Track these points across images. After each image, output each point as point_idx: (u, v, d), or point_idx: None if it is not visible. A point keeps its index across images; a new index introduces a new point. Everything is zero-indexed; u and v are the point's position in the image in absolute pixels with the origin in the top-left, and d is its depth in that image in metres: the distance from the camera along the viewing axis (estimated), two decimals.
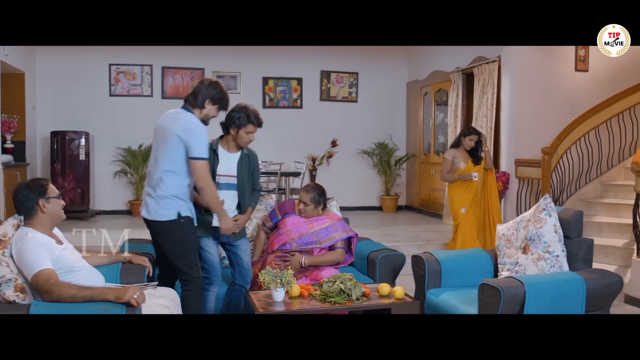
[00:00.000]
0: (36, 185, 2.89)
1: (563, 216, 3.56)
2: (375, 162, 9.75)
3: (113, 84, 8.97)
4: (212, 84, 3.52)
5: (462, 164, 5.84)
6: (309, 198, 4.08)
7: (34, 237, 2.80)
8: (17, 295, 2.69)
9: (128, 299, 2.63)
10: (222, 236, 3.68)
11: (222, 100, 3.54)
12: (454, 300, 3.44)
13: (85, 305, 2.62)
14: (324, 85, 9.68)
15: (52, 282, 2.68)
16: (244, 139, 3.71)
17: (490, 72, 7.12)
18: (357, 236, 4.11)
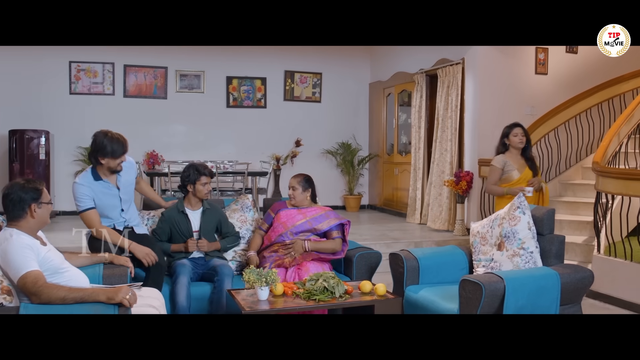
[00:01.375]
0: (32, 189, 2.82)
1: (536, 214, 3.71)
2: (338, 161, 9.84)
3: (73, 81, 8.78)
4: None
5: (516, 173, 4.78)
6: (297, 181, 4.21)
7: (19, 239, 2.75)
8: (4, 298, 2.63)
9: (120, 299, 2.62)
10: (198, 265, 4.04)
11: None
12: (433, 296, 3.53)
13: (77, 307, 2.59)
14: (288, 85, 9.71)
15: (40, 284, 2.64)
16: (202, 190, 4.11)
17: (454, 74, 7.29)
18: (350, 224, 4.19)
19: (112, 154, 3.71)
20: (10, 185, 2.87)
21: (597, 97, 7.11)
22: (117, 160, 3.75)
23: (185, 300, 3.69)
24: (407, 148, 8.98)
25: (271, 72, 9.59)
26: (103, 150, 3.69)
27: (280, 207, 4.26)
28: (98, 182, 3.75)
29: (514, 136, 4.78)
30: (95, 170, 3.77)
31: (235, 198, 4.72)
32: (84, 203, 3.68)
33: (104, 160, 3.71)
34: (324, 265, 4.04)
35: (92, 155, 3.76)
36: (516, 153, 4.81)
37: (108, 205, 3.80)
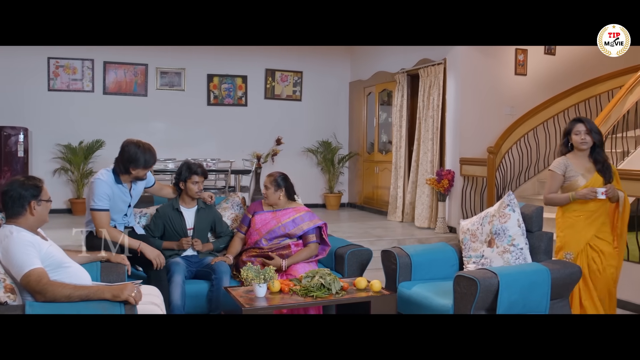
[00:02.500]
0: (32, 186, 2.81)
1: (525, 211, 3.81)
2: (319, 160, 9.89)
3: (52, 78, 8.66)
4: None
5: (581, 179, 3.77)
6: (269, 181, 4.20)
7: (20, 236, 2.73)
8: (8, 296, 2.61)
9: (126, 297, 2.62)
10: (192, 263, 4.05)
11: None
12: (426, 292, 3.61)
13: (83, 304, 2.58)
14: (269, 83, 9.72)
15: (44, 282, 2.63)
16: (193, 189, 4.13)
17: (436, 74, 7.40)
18: (326, 225, 4.22)
19: (145, 164, 3.78)
20: (10, 182, 2.85)
21: (574, 97, 7.28)
22: (147, 170, 3.79)
23: (179, 298, 3.71)
24: (387, 147, 9.08)
25: (252, 70, 9.60)
26: (136, 162, 3.75)
27: (256, 209, 4.26)
28: (117, 185, 3.79)
29: (575, 134, 3.77)
30: (117, 174, 3.78)
31: (226, 196, 4.75)
32: (102, 202, 3.69)
33: (135, 170, 3.77)
34: (311, 265, 4.08)
35: (121, 163, 3.79)
36: (583, 155, 3.79)
37: (117, 208, 3.84)
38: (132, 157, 3.76)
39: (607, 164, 3.78)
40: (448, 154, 7.33)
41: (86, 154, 8.54)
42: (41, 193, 2.86)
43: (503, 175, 6.93)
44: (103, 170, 3.86)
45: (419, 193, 7.65)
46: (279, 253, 4.06)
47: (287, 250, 4.07)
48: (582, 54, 7.50)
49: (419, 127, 7.76)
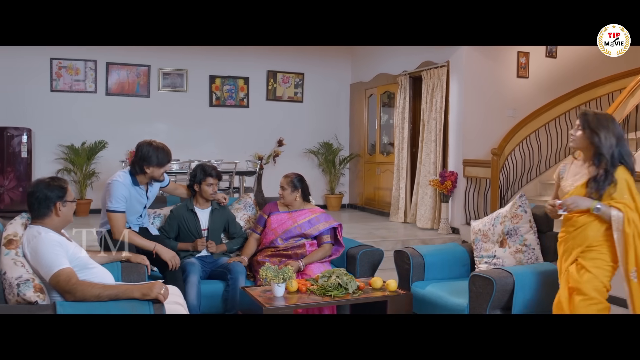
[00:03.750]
0: (57, 187, 2.85)
1: (536, 212, 3.88)
2: (320, 161, 9.94)
3: (55, 79, 8.67)
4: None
5: (568, 185, 3.18)
6: (287, 182, 4.26)
7: (48, 236, 2.77)
8: (38, 296, 2.65)
9: (155, 295, 2.66)
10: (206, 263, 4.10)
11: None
12: (441, 292, 3.67)
13: (112, 303, 2.62)
14: (270, 85, 9.77)
15: (73, 281, 2.67)
16: (207, 191, 4.18)
17: (439, 77, 7.47)
18: (341, 226, 4.28)
19: (159, 163, 3.83)
20: (36, 184, 2.89)
21: (575, 100, 7.37)
22: (162, 169, 3.84)
23: (195, 298, 3.75)
24: (389, 148, 9.14)
25: (254, 71, 9.64)
26: (148, 160, 3.80)
27: (272, 210, 4.32)
28: (134, 187, 3.84)
29: (571, 135, 3.21)
30: (134, 176, 3.83)
31: (238, 197, 4.80)
32: (119, 204, 3.74)
33: (149, 169, 3.83)
34: (325, 265, 4.14)
35: (136, 164, 3.84)
36: (587, 158, 3.11)
37: (133, 210, 3.90)
38: (145, 155, 3.82)
39: (609, 177, 2.98)
40: (451, 156, 7.40)
41: (89, 155, 8.56)
42: (66, 194, 2.90)
43: (506, 177, 7.01)
44: (120, 172, 3.90)
45: (422, 194, 7.72)
46: (294, 252, 4.11)
47: (302, 250, 4.13)
48: (583, 56, 7.59)
49: (421, 129, 7.82)
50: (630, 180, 3.01)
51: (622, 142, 3.03)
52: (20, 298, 2.63)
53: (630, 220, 2.93)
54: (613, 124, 3.04)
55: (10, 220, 3.00)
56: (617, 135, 3.02)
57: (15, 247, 2.76)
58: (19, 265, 2.70)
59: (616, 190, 2.98)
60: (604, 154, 2.99)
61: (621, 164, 3.01)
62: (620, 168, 3.00)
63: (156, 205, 4.47)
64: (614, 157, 2.99)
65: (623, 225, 2.93)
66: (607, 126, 3.01)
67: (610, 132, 3.00)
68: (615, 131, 3.02)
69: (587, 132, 3.04)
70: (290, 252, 4.12)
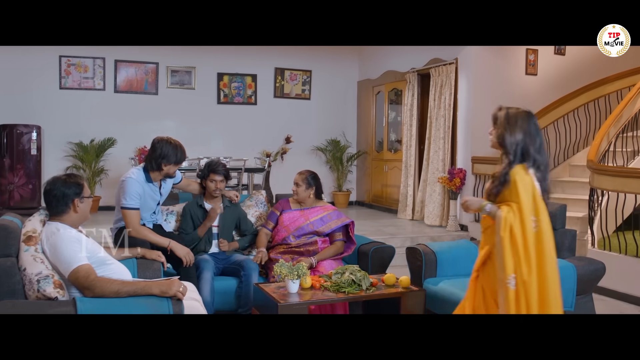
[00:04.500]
0: (73, 184, 2.87)
1: (549, 209, 3.87)
2: (327, 158, 9.96)
3: (63, 76, 8.72)
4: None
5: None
6: (301, 179, 4.27)
7: (67, 233, 2.80)
8: (58, 292, 2.68)
9: (174, 292, 2.69)
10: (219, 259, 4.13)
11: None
12: (453, 288, 3.69)
13: (132, 300, 2.64)
14: (278, 82, 9.79)
15: (92, 278, 2.69)
16: (210, 187, 4.18)
17: (447, 74, 7.48)
18: (354, 224, 4.30)
19: (177, 161, 3.87)
20: (52, 181, 2.91)
21: (583, 97, 7.39)
22: (178, 166, 3.89)
23: (209, 295, 3.78)
24: (396, 146, 9.16)
25: (261, 69, 9.67)
26: (168, 158, 3.84)
27: (284, 207, 4.34)
28: (148, 184, 3.86)
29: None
30: (148, 173, 3.87)
31: (249, 194, 4.83)
32: (133, 201, 3.77)
33: (167, 167, 3.86)
34: (337, 262, 4.16)
35: (153, 160, 3.86)
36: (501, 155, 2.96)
37: (147, 207, 3.93)
38: (164, 153, 3.84)
39: (503, 176, 2.77)
40: (459, 153, 7.41)
41: (98, 152, 8.60)
42: (83, 190, 2.92)
43: None
44: (134, 169, 3.93)
45: (430, 191, 7.73)
46: (306, 249, 4.14)
47: (314, 247, 4.15)
48: (592, 53, 7.58)
49: (429, 126, 7.83)
50: (524, 180, 2.71)
51: (531, 139, 2.79)
52: (41, 294, 2.66)
53: (507, 223, 2.67)
54: (523, 121, 2.83)
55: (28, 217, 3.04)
56: (526, 132, 2.79)
57: (34, 244, 2.79)
58: (39, 262, 2.73)
59: (510, 191, 2.73)
60: (509, 151, 2.79)
61: (523, 163, 2.76)
62: (518, 167, 2.74)
63: (169, 202, 4.49)
64: (517, 155, 2.77)
65: (500, 228, 2.69)
66: (515, 122, 2.82)
67: (518, 128, 2.79)
68: (524, 127, 2.80)
69: (497, 129, 2.91)
70: (302, 249, 4.15)
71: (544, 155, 2.82)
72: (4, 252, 2.79)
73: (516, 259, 2.64)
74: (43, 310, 2.53)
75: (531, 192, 2.71)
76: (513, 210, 2.67)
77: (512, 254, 2.65)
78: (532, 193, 2.71)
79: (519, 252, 2.64)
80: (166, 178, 4.01)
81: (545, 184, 2.82)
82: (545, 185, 2.82)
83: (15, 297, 2.70)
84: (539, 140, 2.81)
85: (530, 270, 2.62)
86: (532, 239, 2.66)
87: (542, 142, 2.83)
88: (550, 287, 2.66)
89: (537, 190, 2.74)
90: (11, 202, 7.85)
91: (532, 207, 2.69)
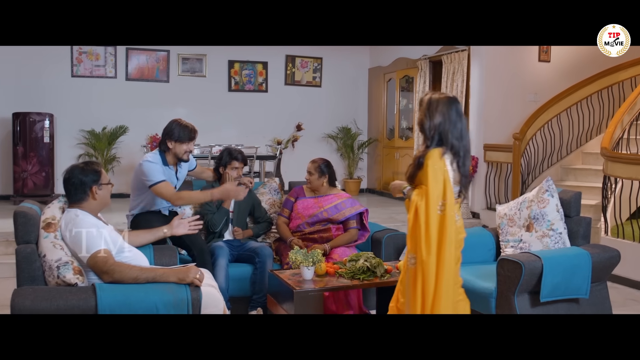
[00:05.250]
0: (91, 171, 2.90)
1: (563, 197, 3.88)
2: (338, 145, 9.96)
3: (75, 64, 8.73)
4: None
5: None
6: (314, 167, 4.29)
7: (86, 218, 2.84)
8: (77, 278, 2.71)
9: (191, 279, 2.72)
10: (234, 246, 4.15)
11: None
12: (468, 275, 3.68)
13: (150, 286, 2.68)
14: (289, 69, 9.78)
15: (111, 262, 2.73)
16: (232, 174, 4.24)
17: (460, 61, 7.44)
18: (368, 211, 4.31)
19: (179, 138, 3.87)
20: (70, 170, 2.94)
21: (597, 84, 7.33)
22: (184, 146, 3.89)
23: (224, 281, 3.81)
24: (407, 133, 9.13)
25: (272, 56, 9.64)
26: (170, 134, 3.89)
27: (299, 194, 4.36)
28: (165, 167, 3.88)
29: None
30: (164, 155, 3.90)
31: (263, 182, 4.85)
32: (157, 176, 3.77)
33: (172, 144, 3.89)
34: (350, 249, 4.17)
35: (162, 141, 3.93)
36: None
37: None
38: (167, 130, 3.93)
39: (419, 160, 2.82)
40: (472, 140, 7.28)
41: (110, 140, 8.63)
42: (101, 177, 2.95)
43: (527, 161, 7.00)
44: (149, 153, 3.97)
45: None
46: (320, 236, 4.16)
47: (328, 234, 4.17)
48: None
49: None
50: (435, 164, 2.72)
51: (451, 125, 2.78)
52: (60, 280, 2.70)
53: (413, 205, 2.76)
54: (444, 106, 2.80)
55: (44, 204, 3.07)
56: (445, 117, 2.78)
57: (54, 230, 2.82)
58: (58, 248, 2.77)
59: (423, 174, 2.77)
60: (427, 135, 2.82)
61: (440, 147, 2.77)
62: (433, 151, 2.76)
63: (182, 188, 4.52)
64: (434, 139, 2.79)
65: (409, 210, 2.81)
66: (436, 107, 2.80)
67: (438, 113, 2.78)
68: (443, 112, 2.78)
69: (419, 114, 2.92)
70: (316, 235, 4.17)
71: (465, 141, 2.85)
72: (23, 239, 2.84)
73: (418, 239, 2.74)
74: (63, 295, 2.57)
75: (441, 177, 2.74)
76: (421, 193, 2.75)
77: (416, 235, 2.76)
78: (442, 178, 2.74)
79: (421, 234, 2.73)
80: (180, 162, 4.03)
81: (464, 169, 2.88)
82: (464, 170, 2.88)
83: (36, 283, 2.75)
84: (460, 126, 2.84)
85: (430, 251, 2.70)
86: (436, 222, 2.72)
87: (464, 129, 2.86)
88: (446, 270, 2.72)
89: (449, 175, 2.77)
90: (25, 190, 7.90)
91: (441, 191, 2.73)
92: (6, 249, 5.52)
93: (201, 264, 3.64)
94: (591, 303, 3.55)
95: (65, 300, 2.54)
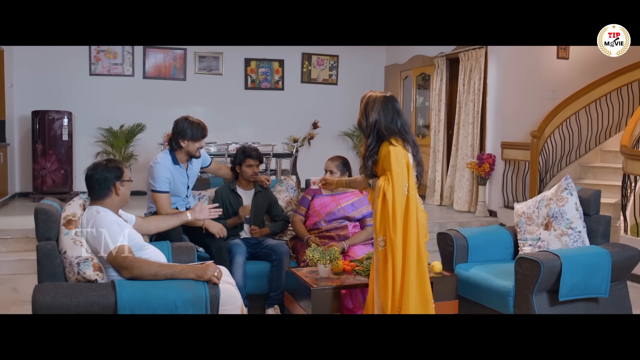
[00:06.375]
0: (114, 168, 2.95)
1: (582, 195, 3.85)
2: (355, 143, 9.94)
3: (93, 62, 8.80)
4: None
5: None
6: (335, 165, 4.28)
7: (106, 215, 2.87)
8: (97, 274, 2.74)
9: (210, 277, 2.74)
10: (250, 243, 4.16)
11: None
12: (485, 274, 3.68)
13: (169, 283, 2.70)
14: (305, 67, 9.78)
15: (130, 258, 2.76)
16: (247, 172, 4.26)
17: (477, 58, 7.39)
18: None
19: (192, 137, 3.89)
20: (94, 167, 2.98)
21: (616, 82, 7.24)
22: (196, 144, 3.90)
23: (241, 279, 3.83)
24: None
25: (289, 54, 9.65)
26: (183, 133, 3.89)
27: (316, 192, 4.36)
28: (175, 167, 3.91)
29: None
30: (174, 154, 3.92)
31: (280, 180, 4.86)
32: (162, 185, 3.84)
33: (184, 143, 3.90)
34: (367, 247, 4.17)
35: (172, 138, 3.94)
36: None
37: (178, 190, 4.01)
38: (179, 129, 3.92)
39: (373, 155, 3.04)
40: (489, 138, 7.34)
41: (127, 138, 8.70)
42: (123, 174, 3.00)
43: (545, 159, 6.95)
44: (160, 154, 3.99)
45: (459, 177, 7.69)
46: (337, 234, 4.16)
47: (345, 231, 4.17)
48: None
49: (458, 111, 7.77)
50: (396, 150, 2.91)
51: (390, 120, 2.96)
52: (81, 276, 2.73)
53: (381, 190, 2.91)
54: (380, 104, 2.98)
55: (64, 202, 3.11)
56: (381, 113, 2.96)
57: (74, 227, 2.86)
58: (79, 245, 2.80)
59: (384, 163, 2.95)
60: (365, 133, 3.05)
61: (387, 141, 2.95)
62: (383, 144, 2.96)
63: (199, 187, 4.54)
64: (375, 135, 2.99)
65: (375, 196, 2.97)
66: (373, 106, 2.99)
67: (374, 111, 2.97)
68: (379, 110, 2.97)
69: (359, 114, 3.10)
70: (333, 233, 4.17)
71: (410, 135, 3.04)
72: (44, 235, 2.87)
73: (386, 221, 2.90)
74: (83, 292, 2.60)
75: (403, 160, 2.93)
76: (387, 179, 2.91)
77: (383, 218, 2.91)
78: (404, 161, 2.93)
79: (388, 215, 2.88)
80: (191, 159, 4.04)
81: (418, 157, 3.06)
82: (418, 157, 3.06)
83: (56, 279, 2.79)
84: (400, 121, 3.00)
85: (396, 230, 2.85)
86: (402, 203, 2.88)
87: (404, 124, 3.03)
88: (411, 246, 2.87)
89: (410, 159, 2.96)
90: (44, 187, 7.99)
91: (405, 174, 2.92)
92: (27, 246, 5.59)
93: (219, 261, 3.67)
94: (611, 302, 3.52)
95: (86, 297, 2.58)
